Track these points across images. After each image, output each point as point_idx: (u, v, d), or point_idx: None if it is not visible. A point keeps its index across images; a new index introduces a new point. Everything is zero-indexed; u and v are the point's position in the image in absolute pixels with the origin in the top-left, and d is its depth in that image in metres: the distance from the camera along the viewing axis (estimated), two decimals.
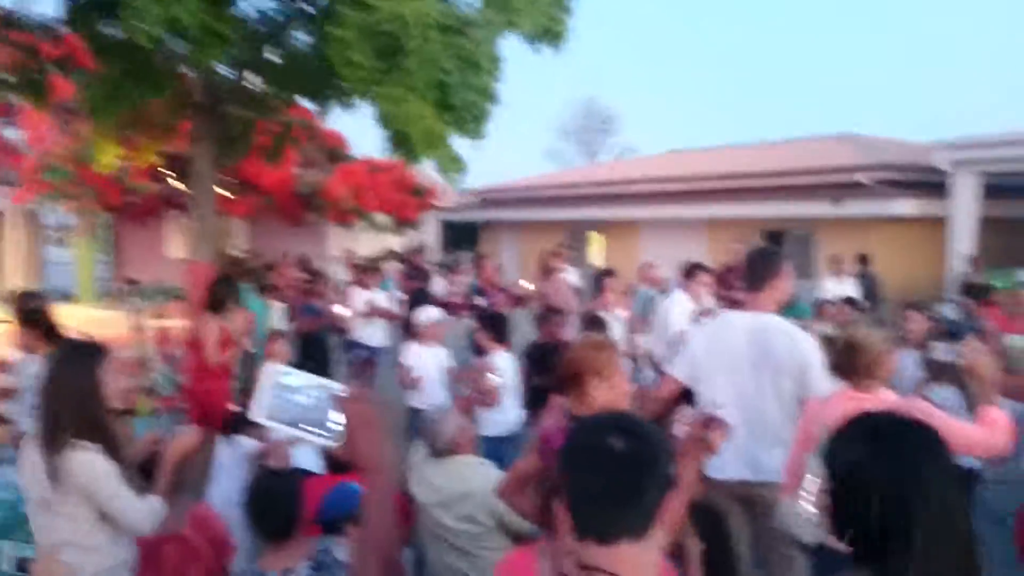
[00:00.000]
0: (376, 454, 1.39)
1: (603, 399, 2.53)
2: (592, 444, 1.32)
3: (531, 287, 9.09)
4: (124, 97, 5.39)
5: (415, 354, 6.16)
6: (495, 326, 5.82)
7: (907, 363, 4.69)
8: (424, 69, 4.41)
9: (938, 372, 4.42)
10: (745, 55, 77.66)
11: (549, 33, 5.07)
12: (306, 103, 6.47)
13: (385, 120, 4.54)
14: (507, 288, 9.02)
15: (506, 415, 5.51)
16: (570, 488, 1.32)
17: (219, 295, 5.85)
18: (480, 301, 8.07)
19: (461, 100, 4.67)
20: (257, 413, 1.45)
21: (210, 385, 5.71)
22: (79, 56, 5.69)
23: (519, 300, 8.88)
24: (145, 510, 2.70)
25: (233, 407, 4.85)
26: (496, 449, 5.05)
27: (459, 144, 4.91)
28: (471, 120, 4.78)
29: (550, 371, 3.06)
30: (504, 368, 5.47)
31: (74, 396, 2.66)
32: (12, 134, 12.77)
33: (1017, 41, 59.12)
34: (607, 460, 1.28)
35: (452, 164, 4.86)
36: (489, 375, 5.29)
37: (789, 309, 5.37)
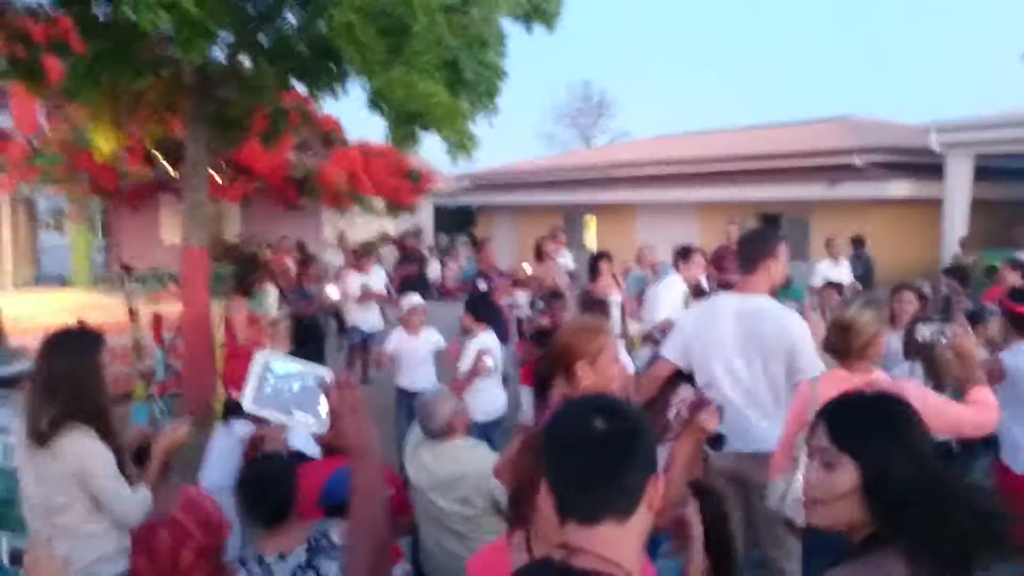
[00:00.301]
0: (363, 439, 1.40)
1: (592, 382, 2.54)
2: (575, 425, 1.33)
3: (530, 271, 9.10)
4: (99, 79, 5.36)
5: (400, 340, 6.18)
6: (477, 307, 5.87)
7: (897, 345, 4.66)
8: (431, 50, 4.43)
9: (911, 350, 4.37)
10: (742, 40, 77.31)
11: (540, 12, 5.06)
12: (299, 87, 6.44)
13: (398, 103, 4.55)
14: (508, 272, 9.04)
15: (492, 399, 5.53)
16: (553, 469, 1.33)
17: (247, 278, 5.89)
18: (482, 285, 8.07)
19: (475, 74, 4.70)
20: (247, 400, 1.45)
21: (240, 367, 5.76)
22: (70, 39, 5.65)
23: (519, 284, 8.89)
24: (135, 499, 2.71)
25: (233, 393, 4.86)
26: (484, 434, 5.06)
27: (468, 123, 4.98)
28: (485, 94, 4.83)
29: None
30: (491, 349, 5.50)
31: (71, 382, 2.66)
32: (2, 120, 12.65)
33: (1012, 21, 58.85)
34: (589, 441, 1.29)
35: (469, 141, 4.90)
36: (487, 358, 5.30)
37: (783, 291, 5.38)
